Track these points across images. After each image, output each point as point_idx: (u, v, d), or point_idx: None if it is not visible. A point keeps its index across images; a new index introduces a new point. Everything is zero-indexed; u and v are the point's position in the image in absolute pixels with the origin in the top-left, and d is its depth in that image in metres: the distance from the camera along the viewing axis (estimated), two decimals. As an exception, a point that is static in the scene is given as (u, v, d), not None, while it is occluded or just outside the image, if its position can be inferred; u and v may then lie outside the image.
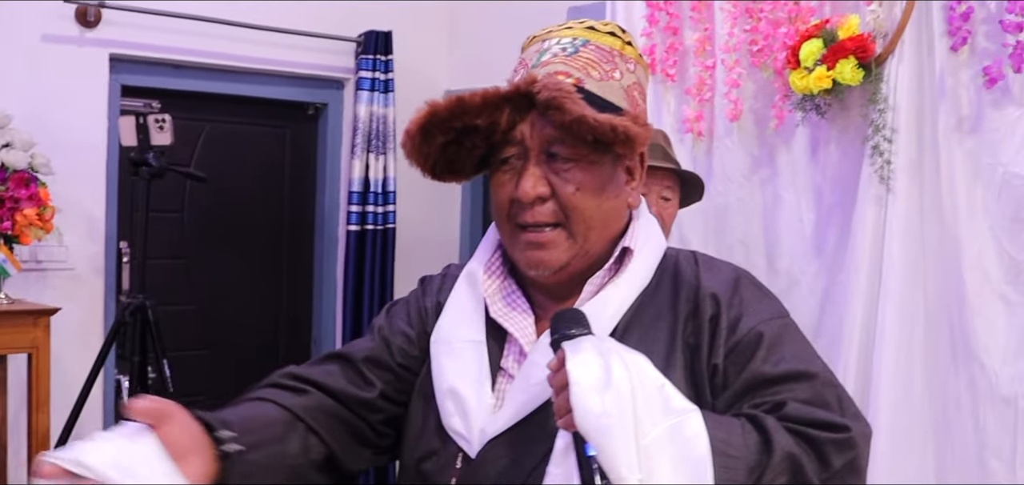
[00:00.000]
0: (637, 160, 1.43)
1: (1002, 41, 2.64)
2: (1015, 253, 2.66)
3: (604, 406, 1.18)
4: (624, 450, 1.17)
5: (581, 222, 1.39)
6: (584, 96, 1.33)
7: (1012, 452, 2.65)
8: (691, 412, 1.21)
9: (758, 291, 1.39)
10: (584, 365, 1.20)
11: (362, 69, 4.89)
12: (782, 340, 1.33)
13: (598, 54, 1.40)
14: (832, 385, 1.30)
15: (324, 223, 5.08)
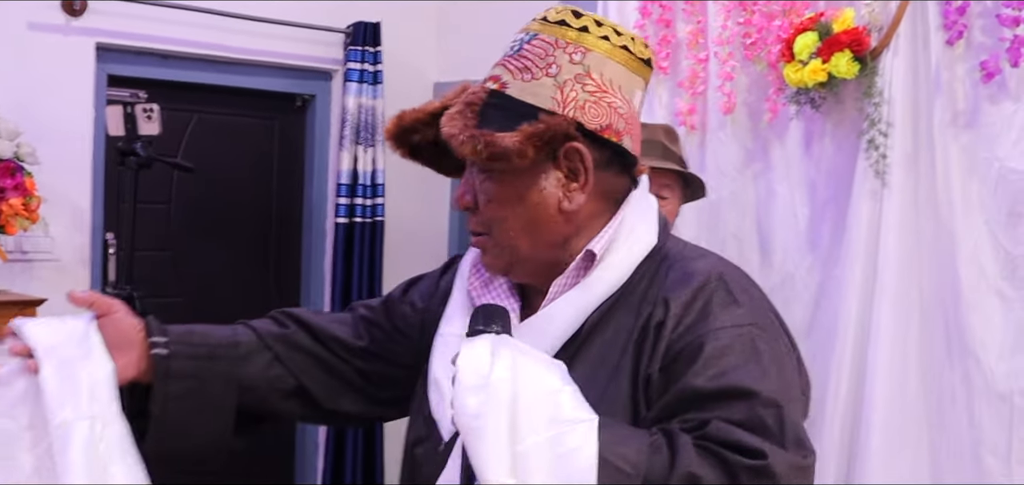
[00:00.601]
0: (578, 160, 1.36)
1: (998, 35, 2.63)
2: (1011, 248, 2.66)
3: (478, 407, 1.18)
4: (494, 453, 1.18)
5: (501, 232, 1.40)
6: (499, 102, 1.34)
7: (1008, 448, 2.64)
8: (582, 423, 1.20)
9: (728, 297, 1.31)
10: (469, 363, 1.22)
11: (351, 61, 4.84)
12: (729, 352, 1.26)
13: (540, 49, 1.38)
14: (775, 406, 1.22)
15: (312, 216, 5.04)
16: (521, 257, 1.41)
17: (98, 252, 4.27)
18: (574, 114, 1.35)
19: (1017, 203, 2.65)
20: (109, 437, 1.33)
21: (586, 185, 1.38)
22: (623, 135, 1.39)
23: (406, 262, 5.16)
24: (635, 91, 1.42)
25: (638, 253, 1.39)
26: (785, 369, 1.30)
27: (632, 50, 1.40)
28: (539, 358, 1.27)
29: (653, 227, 1.42)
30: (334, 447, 4.86)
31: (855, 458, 2.88)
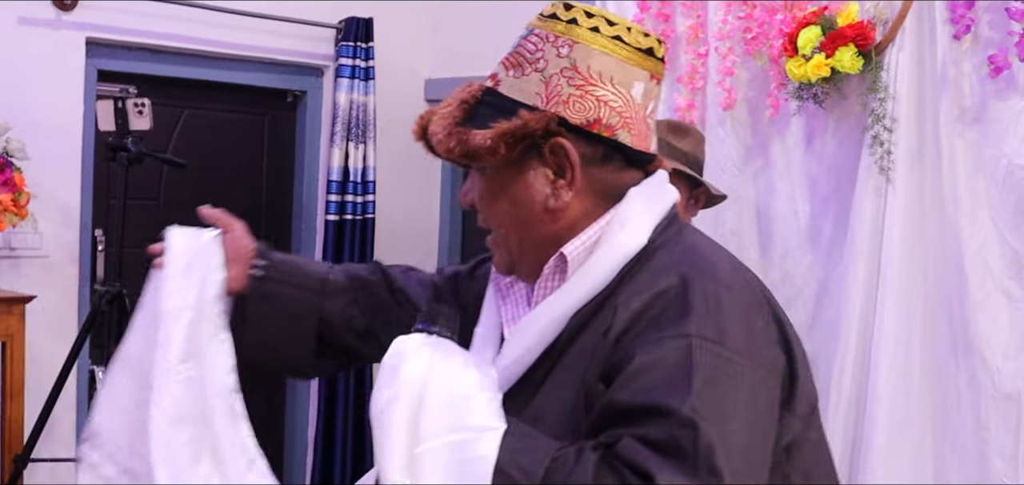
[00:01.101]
0: (564, 157, 1.32)
1: (1007, 29, 2.60)
2: (1018, 246, 2.63)
3: (385, 403, 1.19)
4: (394, 451, 1.18)
5: (498, 228, 1.39)
6: (491, 100, 1.34)
7: (1015, 450, 2.61)
8: (487, 431, 1.18)
9: (683, 305, 1.22)
10: (389, 359, 1.23)
11: (342, 56, 4.80)
12: (658, 366, 1.18)
13: (532, 45, 1.36)
14: (691, 427, 1.12)
15: (302, 212, 4.99)
16: (516, 256, 1.39)
17: (87, 249, 4.22)
18: (557, 109, 1.32)
19: (1024, 201, 2.62)
20: (207, 328, 1.55)
21: (573, 182, 1.34)
22: (618, 129, 1.34)
23: (396, 259, 5.03)
24: (634, 82, 1.35)
25: (621, 255, 1.32)
26: (721, 387, 1.17)
27: (626, 40, 1.35)
28: (459, 362, 1.26)
29: (646, 226, 1.34)
30: (324, 446, 4.81)
31: (858, 458, 2.84)
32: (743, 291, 1.29)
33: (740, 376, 1.19)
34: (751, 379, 1.20)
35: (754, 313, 1.27)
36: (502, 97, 1.34)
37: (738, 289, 1.28)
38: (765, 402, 1.23)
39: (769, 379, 1.24)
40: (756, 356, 1.23)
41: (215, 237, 1.66)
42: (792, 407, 1.27)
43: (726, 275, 1.30)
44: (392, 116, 5.02)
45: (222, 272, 1.62)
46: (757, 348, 1.24)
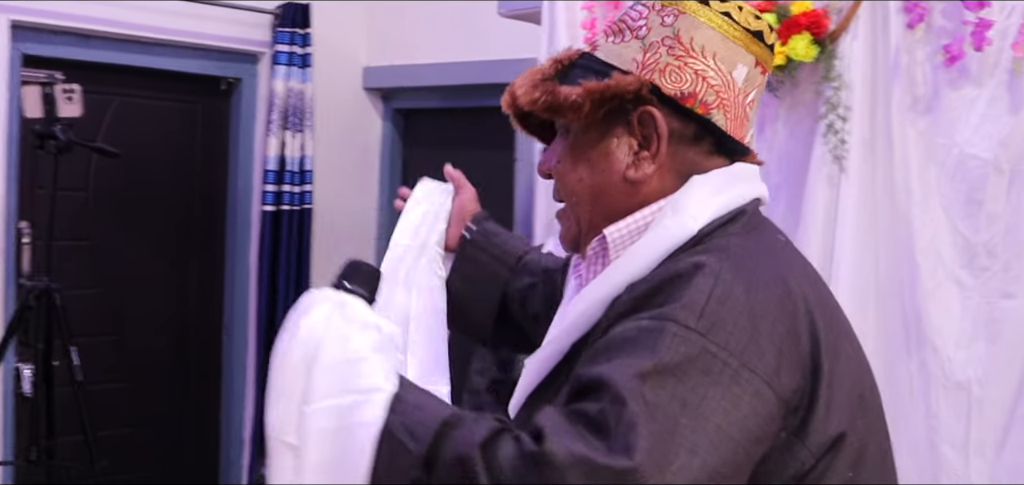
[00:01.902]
0: (652, 127, 1.26)
1: (960, 19, 2.59)
2: (970, 235, 2.63)
3: (280, 357, 1.18)
4: (283, 408, 1.17)
5: (569, 195, 1.34)
6: (585, 63, 1.31)
7: (965, 438, 2.61)
8: (376, 393, 1.14)
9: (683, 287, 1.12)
10: (296, 312, 1.22)
11: (279, 43, 4.70)
12: (625, 345, 1.10)
13: (637, 13, 1.31)
14: (620, 403, 1.03)
15: (237, 203, 4.87)
16: (584, 230, 1.33)
17: (11, 242, 4.05)
18: (652, 77, 1.25)
19: (976, 190, 2.62)
20: (425, 265, 1.75)
21: (657, 154, 1.27)
22: (712, 108, 1.27)
23: (335, 250, 5.02)
24: (737, 63, 1.28)
25: (667, 243, 1.22)
26: (690, 380, 1.06)
27: (736, 18, 1.28)
28: (360, 322, 1.22)
29: (702, 216, 1.23)
30: (261, 443, 4.70)
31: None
32: (772, 295, 1.16)
33: (719, 373, 1.07)
34: (733, 380, 1.08)
35: (774, 319, 1.14)
36: (597, 60, 1.31)
37: (765, 291, 1.16)
38: (748, 410, 1.08)
39: (761, 389, 1.09)
40: (750, 360, 1.09)
41: (449, 194, 1.85)
42: (803, 436, 1.14)
43: (759, 273, 1.18)
44: (330, 104, 4.93)
45: (445, 224, 1.80)
46: (757, 354, 1.10)
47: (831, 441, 1.16)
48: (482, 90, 4.79)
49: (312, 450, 1.14)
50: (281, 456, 1.17)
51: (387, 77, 5.15)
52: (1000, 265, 2.60)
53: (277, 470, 1.18)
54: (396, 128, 5.33)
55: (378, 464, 1.10)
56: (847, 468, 1.17)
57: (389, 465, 1.10)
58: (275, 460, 1.18)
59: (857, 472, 1.18)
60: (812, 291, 1.22)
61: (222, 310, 4.91)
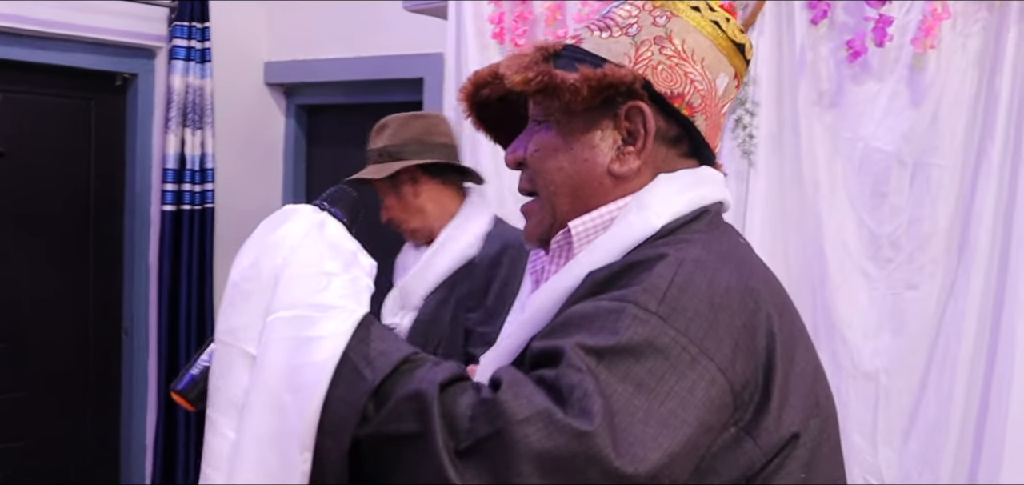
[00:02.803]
0: (640, 122, 1.26)
1: (862, 15, 2.64)
2: (875, 227, 2.68)
3: (247, 264, 1.15)
4: (247, 315, 1.14)
5: (544, 186, 1.30)
6: (571, 54, 1.27)
7: (873, 427, 2.67)
8: (341, 311, 1.11)
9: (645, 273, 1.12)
10: (267, 221, 1.20)
11: (176, 37, 4.56)
12: (584, 321, 1.09)
13: (626, 12, 1.30)
14: (577, 370, 1.02)
15: (135, 203, 4.71)
16: (560, 220, 1.29)
17: None
18: (644, 72, 1.25)
19: (880, 182, 2.67)
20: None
21: (643, 150, 1.26)
22: (697, 112, 1.27)
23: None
24: (720, 73, 1.29)
25: (629, 237, 1.21)
26: (647, 362, 1.05)
27: (724, 28, 1.30)
28: (337, 238, 1.20)
29: (665, 213, 1.23)
30: (164, 447, 4.58)
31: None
32: (734, 288, 1.15)
33: (676, 358, 1.06)
34: (690, 367, 1.07)
35: (733, 312, 1.13)
36: (585, 52, 1.28)
37: (727, 285, 1.14)
38: (703, 399, 1.07)
39: (716, 377, 1.09)
40: (708, 347, 1.08)
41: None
42: (754, 433, 1.13)
43: (723, 267, 1.16)
44: (230, 100, 4.81)
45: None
46: (715, 342, 1.09)
47: (783, 441, 1.15)
48: (388, 85, 4.73)
49: (269, 361, 1.11)
50: (236, 366, 1.13)
51: (289, 72, 5.05)
52: (904, 256, 2.66)
53: (232, 381, 1.14)
54: (299, 125, 5.23)
55: (332, 389, 1.07)
56: (800, 469, 1.16)
57: (344, 392, 1.07)
58: (230, 370, 1.14)
59: (809, 473, 1.17)
60: (771, 294, 1.22)
61: (121, 313, 4.76)
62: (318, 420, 1.07)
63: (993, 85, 2.56)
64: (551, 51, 1.30)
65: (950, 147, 2.61)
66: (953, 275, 2.60)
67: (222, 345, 1.15)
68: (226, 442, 1.14)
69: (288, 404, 1.08)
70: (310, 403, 1.07)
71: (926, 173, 2.63)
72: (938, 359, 2.60)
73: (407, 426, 1.03)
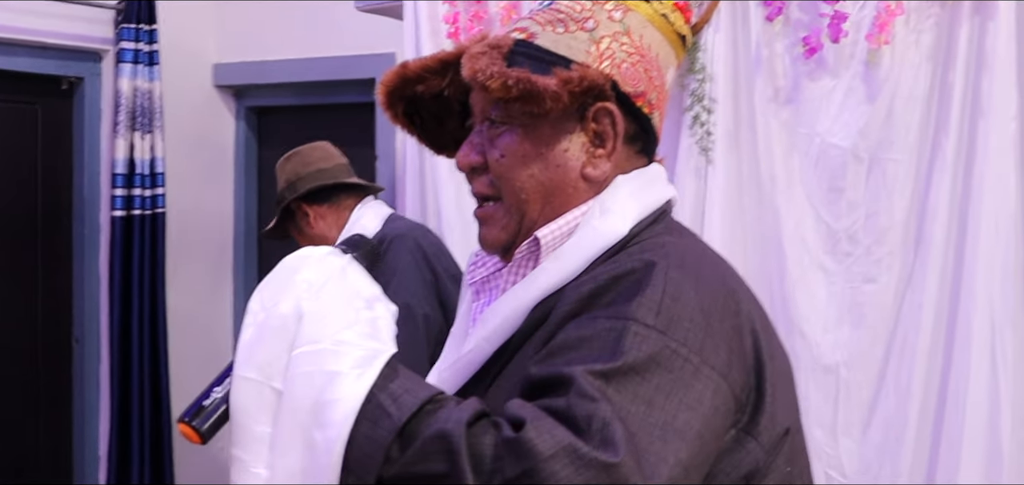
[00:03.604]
0: (608, 124, 1.24)
1: (816, 12, 2.66)
2: (832, 222, 2.70)
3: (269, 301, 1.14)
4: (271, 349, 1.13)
5: (511, 193, 1.26)
6: (528, 51, 1.22)
7: (834, 420, 2.69)
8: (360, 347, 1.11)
9: (635, 288, 1.11)
10: (287, 261, 1.18)
11: (123, 40, 4.48)
12: (584, 343, 1.07)
13: (575, 4, 1.26)
14: (590, 399, 1.01)
15: (84, 209, 4.63)
16: (527, 226, 1.26)
17: None
18: (610, 71, 1.22)
19: (837, 178, 2.69)
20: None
21: (613, 152, 1.25)
22: (654, 110, 1.26)
23: (190, 255, 4.86)
24: (669, 66, 1.30)
25: (598, 243, 1.21)
26: (653, 378, 1.05)
27: (672, 21, 1.30)
28: (360, 279, 1.20)
29: (629, 217, 1.23)
30: (118, 456, 4.50)
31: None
32: (717, 292, 1.16)
33: (680, 370, 1.06)
34: (694, 377, 1.07)
35: (722, 316, 1.14)
36: (543, 50, 1.23)
37: (710, 288, 1.16)
38: (709, 407, 1.08)
39: (720, 385, 1.10)
40: (708, 356, 1.09)
41: None
42: (754, 431, 1.15)
43: (703, 272, 1.18)
44: (180, 103, 4.75)
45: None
46: (712, 349, 1.10)
47: (779, 437, 1.17)
48: (340, 86, 4.69)
49: (297, 395, 1.09)
50: (264, 403, 1.12)
51: (239, 74, 4.99)
52: (862, 250, 2.69)
53: (259, 418, 1.12)
54: (250, 127, 5.17)
55: (357, 426, 1.05)
56: (786, 463, 1.19)
57: (369, 430, 1.05)
58: (257, 408, 1.12)
59: (793, 466, 1.20)
60: (744, 292, 1.24)
61: (72, 321, 4.68)
62: (344, 457, 1.05)
63: (946, 80, 2.60)
64: (505, 49, 1.25)
65: (905, 142, 2.64)
66: (910, 268, 2.64)
67: (245, 382, 1.13)
68: (258, 480, 1.12)
69: (317, 440, 1.07)
70: (337, 441, 1.05)
71: (882, 168, 2.66)
72: (896, 351, 2.64)
73: (434, 466, 1.01)
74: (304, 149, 3.19)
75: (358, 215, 3.05)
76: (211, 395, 1.17)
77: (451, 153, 1.39)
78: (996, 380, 2.51)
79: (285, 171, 3.15)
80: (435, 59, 1.33)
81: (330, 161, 3.13)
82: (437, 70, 1.33)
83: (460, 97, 1.34)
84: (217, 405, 1.16)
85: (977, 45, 2.57)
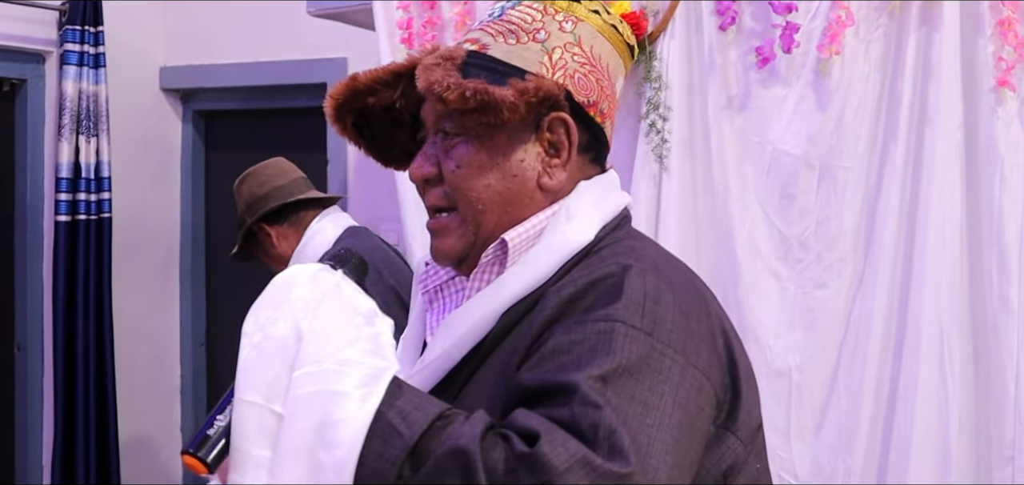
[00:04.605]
0: (563, 133, 1.26)
1: (769, 21, 2.70)
2: (784, 229, 2.74)
3: (263, 323, 1.11)
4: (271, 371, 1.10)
5: (467, 204, 1.27)
6: (481, 62, 1.23)
7: (787, 424, 2.72)
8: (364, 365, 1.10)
9: (615, 291, 1.13)
10: (279, 279, 1.16)
11: (68, 41, 4.42)
12: (575, 347, 1.09)
13: (526, 15, 1.28)
14: (594, 406, 1.02)
15: (27, 214, 4.55)
16: (483, 236, 1.27)
17: None
18: (564, 81, 1.25)
19: (789, 185, 2.73)
20: None
21: (568, 162, 1.27)
22: (606, 119, 1.29)
23: (136, 259, 4.79)
24: (619, 76, 1.33)
25: (565, 249, 1.23)
26: (645, 379, 1.07)
27: (621, 31, 1.32)
28: (355, 294, 1.18)
29: (594, 222, 1.26)
30: (62, 466, 4.43)
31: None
32: (690, 295, 1.21)
33: (668, 371, 1.10)
34: (681, 376, 1.11)
35: (698, 318, 1.18)
36: (497, 60, 1.24)
37: (684, 291, 1.20)
38: (695, 406, 1.12)
39: (704, 384, 1.14)
40: (692, 357, 1.13)
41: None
42: (733, 427, 1.19)
43: (674, 275, 1.22)
44: (126, 106, 4.69)
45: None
46: (694, 350, 1.14)
47: (755, 431, 1.23)
48: (290, 91, 4.67)
49: (300, 417, 1.07)
50: (264, 427, 1.09)
51: (186, 77, 4.94)
52: (813, 257, 2.73)
53: (259, 442, 1.09)
54: (197, 130, 5.12)
55: (367, 445, 1.04)
56: (756, 460, 1.24)
57: (380, 448, 1.04)
58: (258, 432, 1.09)
59: (761, 462, 1.25)
60: (710, 294, 1.28)
61: (13, 328, 4.59)
62: (354, 478, 1.04)
63: (895, 89, 2.65)
64: (459, 60, 1.26)
65: (855, 150, 2.69)
66: (861, 273, 2.68)
67: (246, 405, 1.10)
68: None
69: (323, 461, 1.05)
70: (348, 461, 1.04)
71: (832, 175, 2.71)
72: (848, 355, 2.68)
73: (450, 482, 1.02)
74: (257, 168, 3.16)
75: (316, 229, 3.05)
76: (214, 423, 1.14)
77: (401, 166, 1.40)
78: (944, 384, 2.56)
79: (242, 193, 3.12)
80: (386, 71, 1.34)
81: (285, 177, 3.12)
82: (388, 82, 1.34)
83: (412, 109, 1.35)
84: (221, 433, 1.13)
85: (924, 55, 2.62)
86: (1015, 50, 2.56)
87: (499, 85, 1.20)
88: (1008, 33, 2.57)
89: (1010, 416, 2.54)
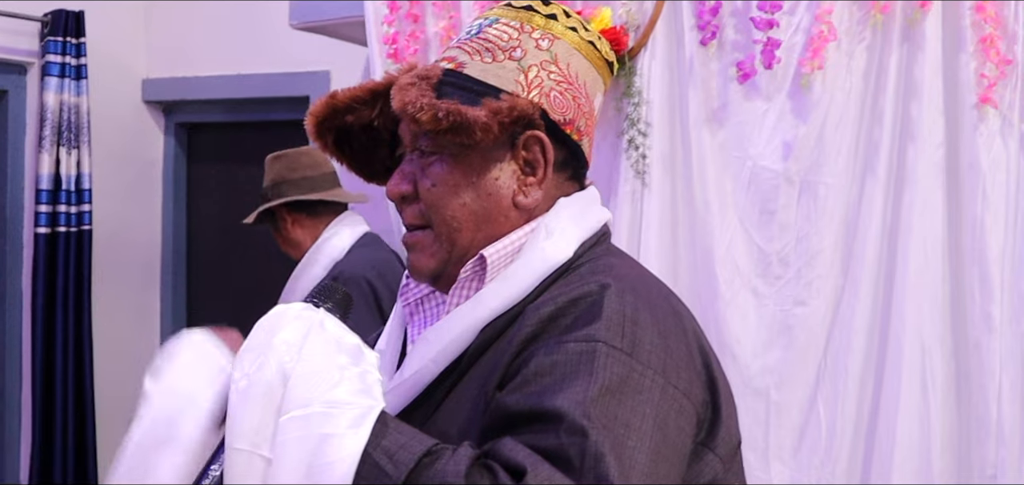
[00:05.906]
0: (538, 152, 1.25)
1: (750, 37, 2.68)
2: (764, 245, 2.71)
3: (249, 369, 1.11)
4: (258, 417, 1.10)
5: (442, 222, 1.27)
6: (456, 81, 1.23)
7: (765, 443, 2.69)
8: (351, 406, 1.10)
9: (594, 311, 1.14)
10: (262, 323, 1.15)
11: (50, 53, 4.40)
12: (554, 369, 1.09)
13: (503, 33, 1.27)
14: (581, 434, 1.03)
15: (7, 226, 4.51)
16: (458, 254, 1.27)
17: None
18: (539, 100, 1.24)
19: (768, 200, 2.71)
20: None
21: (543, 180, 1.26)
22: (583, 136, 1.29)
23: (117, 272, 4.75)
24: (597, 93, 1.32)
25: (544, 265, 1.23)
26: (626, 400, 1.08)
27: (599, 48, 1.32)
28: (339, 334, 1.17)
29: (573, 239, 1.26)
30: (42, 442, 4.37)
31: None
32: (668, 314, 1.21)
33: (649, 391, 1.10)
34: (662, 397, 1.11)
35: (676, 337, 1.18)
36: (472, 79, 1.24)
37: (662, 311, 1.20)
38: (675, 426, 1.13)
39: (684, 404, 1.14)
40: (671, 377, 1.14)
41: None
42: (712, 445, 1.19)
43: (651, 295, 1.21)
44: (107, 118, 4.66)
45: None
46: (674, 369, 1.14)
47: (734, 449, 1.24)
48: (272, 103, 4.64)
49: (287, 461, 1.07)
50: (252, 473, 1.09)
51: (168, 89, 4.91)
52: (792, 273, 2.70)
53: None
54: (179, 143, 5.08)
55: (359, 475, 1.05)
56: (734, 478, 1.25)
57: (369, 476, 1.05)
58: (246, 478, 1.09)
59: (739, 480, 1.26)
60: (686, 312, 1.28)
61: (-10, 342, 4.55)
62: None
63: (877, 104, 2.63)
64: (435, 79, 1.26)
65: (836, 165, 2.67)
66: (841, 290, 2.66)
67: (235, 452, 1.10)
68: None
69: None
70: None
71: (813, 190, 2.68)
72: (828, 374, 2.65)
73: None
74: (294, 153, 3.22)
75: (332, 231, 3.11)
76: (209, 474, 1.15)
77: (382, 181, 1.39)
78: (926, 402, 2.54)
79: (272, 170, 3.18)
80: (364, 89, 1.34)
81: (317, 170, 3.18)
82: (366, 100, 1.34)
83: (390, 126, 1.35)
84: (216, 483, 1.14)
85: (906, 71, 2.61)
86: (997, 67, 2.55)
87: (473, 105, 1.21)
88: (990, 50, 2.55)
89: (992, 435, 2.52)
